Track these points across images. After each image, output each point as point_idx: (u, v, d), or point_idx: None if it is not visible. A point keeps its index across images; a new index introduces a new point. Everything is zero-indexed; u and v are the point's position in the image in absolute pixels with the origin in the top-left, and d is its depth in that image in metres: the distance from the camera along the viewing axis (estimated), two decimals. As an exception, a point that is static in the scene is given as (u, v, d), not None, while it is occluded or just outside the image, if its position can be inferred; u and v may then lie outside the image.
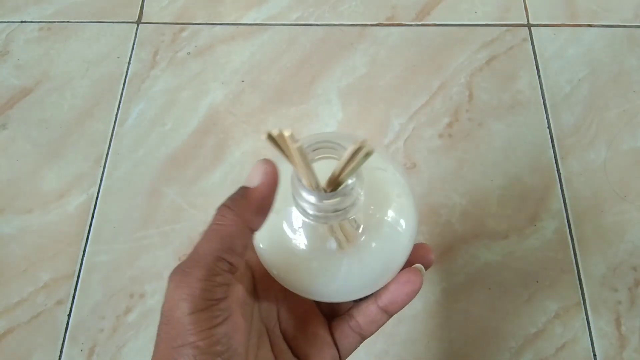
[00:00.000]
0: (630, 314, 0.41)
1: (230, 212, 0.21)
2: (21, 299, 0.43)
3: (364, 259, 0.23)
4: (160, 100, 0.51)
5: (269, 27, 0.55)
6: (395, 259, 0.24)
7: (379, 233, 0.23)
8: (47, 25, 0.56)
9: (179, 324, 0.19)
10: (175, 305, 0.19)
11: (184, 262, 0.20)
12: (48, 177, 0.48)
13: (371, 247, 0.23)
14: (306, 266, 0.23)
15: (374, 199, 0.23)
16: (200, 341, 0.19)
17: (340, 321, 0.26)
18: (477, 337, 0.40)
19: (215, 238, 0.20)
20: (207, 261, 0.20)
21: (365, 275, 0.23)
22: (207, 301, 0.19)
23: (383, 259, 0.23)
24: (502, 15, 0.54)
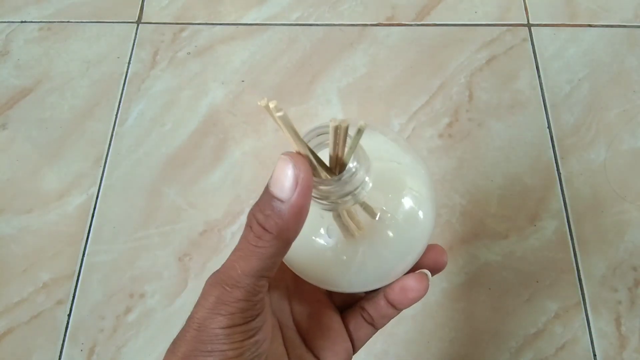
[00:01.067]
0: (630, 314, 0.41)
1: (268, 234, 0.19)
2: (21, 299, 0.43)
3: (380, 249, 0.22)
4: (160, 100, 0.51)
5: (269, 27, 0.55)
6: (412, 250, 0.23)
7: (395, 223, 0.22)
8: (47, 25, 0.56)
9: (212, 334, 0.19)
10: (211, 317, 0.19)
11: (223, 277, 0.20)
12: (48, 177, 0.48)
13: (388, 236, 0.22)
14: (321, 255, 0.22)
15: (391, 188, 0.22)
16: (230, 351, 0.19)
17: (353, 312, 0.26)
18: (477, 337, 0.40)
19: (255, 259, 0.19)
20: (247, 282, 0.19)
21: (382, 265, 0.23)
22: (245, 318, 0.19)
23: (400, 249, 0.23)
24: (502, 15, 0.54)
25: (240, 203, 0.45)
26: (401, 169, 0.23)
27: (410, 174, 0.23)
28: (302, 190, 0.18)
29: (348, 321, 0.26)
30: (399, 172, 0.23)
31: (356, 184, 0.20)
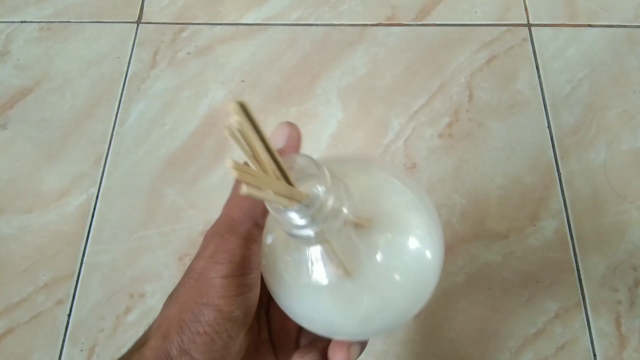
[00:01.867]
0: (630, 314, 0.41)
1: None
2: (21, 299, 0.43)
3: (386, 294, 0.20)
4: (160, 100, 0.51)
5: (269, 27, 0.55)
6: (421, 293, 0.21)
7: (401, 265, 0.20)
8: (47, 25, 0.56)
9: (210, 284, 0.19)
10: (211, 266, 0.20)
11: (220, 227, 0.20)
12: (48, 177, 0.48)
13: (394, 280, 0.20)
14: (321, 302, 0.21)
15: (394, 229, 0.20)
16: (224, 305, 0.19)
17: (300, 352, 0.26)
18: (477, 337, 0.40)
19: (246, 204, 0.21)
20: (244, 228, 0.20)
21: (387, 311, 0.21)
22: (242, 269, 0.20)
23: (408, 292, 0.21)
24: (502, 15, 0.54)
25: (240, 203, 0.45)
26: (403, 207, 0.21)
27: (413, 211, 0.22)
28: (291, 143, 0.21)
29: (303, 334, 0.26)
30: (401, 210, 0.21)
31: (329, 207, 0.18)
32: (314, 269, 0.20)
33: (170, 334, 0.20)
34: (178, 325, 0.20)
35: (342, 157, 0.24)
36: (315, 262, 0.20)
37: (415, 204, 0.22)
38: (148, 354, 0.20)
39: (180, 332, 0.19)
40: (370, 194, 0.21)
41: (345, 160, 0.23)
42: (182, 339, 0.19)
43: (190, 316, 0.19)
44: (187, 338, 0.19)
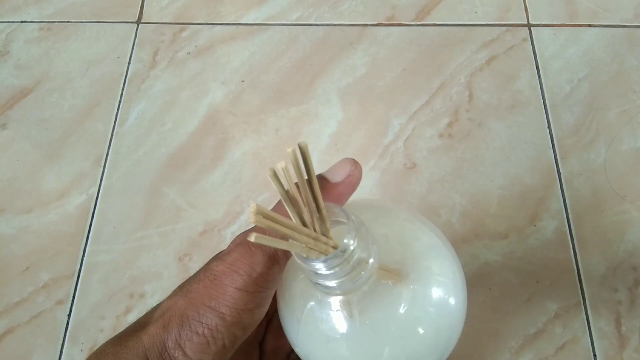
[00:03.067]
0: (630, 314, 0.41)
1: None
2: (21, 299, 0.43)
3: (411, 346, 0.19)
4: (160, 100, 0.51)
5: (269, 27, 0.55)
6: (447, 343, 0.21)
7: (425, 316, 0.19)
8: (47, 25, 0.56)
9: (223, 291, 0.20)
10: (229, 274, 0.20)
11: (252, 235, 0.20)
12: (48, 177, 0.48)
13: (419, 333, 0.19)
14: (335, 351, 0.20)
15: (415, 279, 0.19)
16: (229, 316, 0.20)
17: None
18: (477, 337, 0.40)
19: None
20: (271, 247, 0.20)
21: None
22: (257, 286, 0.20)
23: (433, 344, 0.20)
24: (502, 15, 0.54)
25: (240, 203, 0.45)
26: (425, 253, 0.21)
27: (435, 256, 0.21)
28: (350, 181, 0.21)
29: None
30: (423, 257, 0.21)
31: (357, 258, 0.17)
32: (334, 317, 0.19)
33: (170, 325, 0.20)
34: (180, 319, 0.20)
35: (358, 203, 0.23)
36: (336, 311, 0.19)
37: (437, 247, 0.21)
38: (146, 339, 0.20)
39: (181, 326, 0.20)
40: (391, 242, 0.20)
41: (362, 207, 0.23)
42: (181, 333, 0.19)
43: (194, 314, 0.20)
44: (185, 334, 0.19)
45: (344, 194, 0.21)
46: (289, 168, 0.16)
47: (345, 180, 0.21)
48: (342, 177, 0.21)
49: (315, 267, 0.17)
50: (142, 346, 0.20)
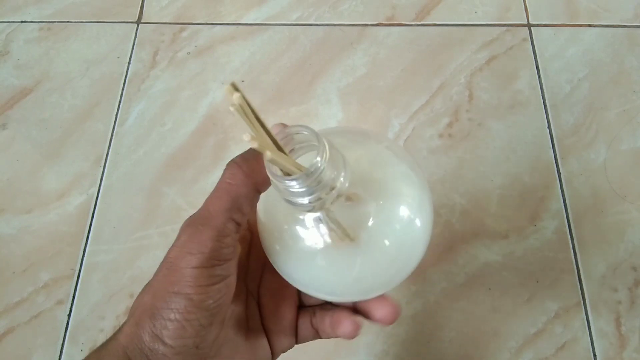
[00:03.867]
0: (630, 314, 0.41)
1: (241, 171, 0.21)
2: (21, 299, 0.43)
3: (376, 257, 0.22)
4: (160, 100, 0.51)
5: (269, 27, 0.55)
6: (410, 259, 0.23)
7: (391, 231, 0.22)
8: (47, 25, 0.56)
9: (181, 273, 0.20)
10: (182, 257, 0.20)
11: (196, 218, 0.21)
12: (48, 177, 0.48)
13: (384, 245, 0.22)
14: (315, 263, 0.22)
15: (386, 197, 0.22)
16: (195, 295, 0.20)
17: (306, 312, 0.27)
18: (477, 337, 0.40)
19: (226, 197, 0.21)
20: (218, 221, 0.21)
21: (378, 274, 0.22)
22: (213, 260, 0.20)
23: (396, 257, 0.22)
24: (502, 15, 0.54)
25: (240, 203, 0.45)
26: (396, 177, 0.23)
27: (405, 182, 0.23)
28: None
29: (300, 316, 0.27)
30: (393, 180, 0.23)
31: (327, 178, 0.19)
32: (310, 234, 0.21)
33: (142, 320, 0.20)
34: (150, 312, 0.20)
35: (341, 129, 0.25)
36: (311, 229, 0.21)
37: (408, 175, 0.23)
38: (122, 339, 0.20)
39: (153, 318, 0.20)
40: (365, 165, 0.22)
41: (343, 133, 0.24)
42: (154, 324, 0.20)
43: (162, 303, 0.20)
44: (159, 324, 0.20)
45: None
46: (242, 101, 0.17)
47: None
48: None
49: (289, 185, 0.18)
50: (120, 346, 0.20)
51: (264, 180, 0.21)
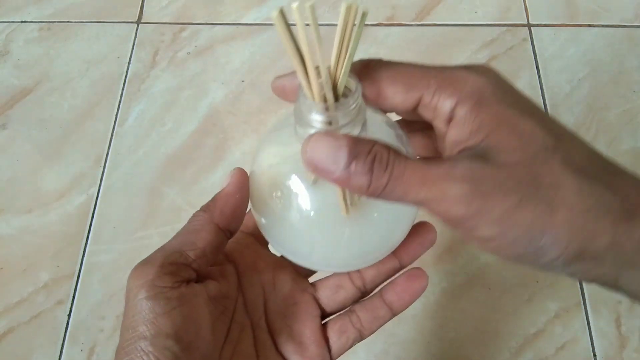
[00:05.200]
0: (630, 314, 0.41)
1: (201, 212, 0.23)
2: (21, 299, 0.43)
3: (366, 227, 0.22)
4: (160, 100, 0.51)
5: (269, 27, 0.55)
6: (398, 227, 0.23)
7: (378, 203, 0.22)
8: (47, 25, 0.56)
9: (132, 310, 0.20)
10: (130, 291, 0.20)
11: (149, 255, 0.22)
12: (48, 177, 0.48)
13: (372, 215, 0.22)
14: (308, 234, 0.22)
15: None
16: (147, 331, 0.19)
17: (341, 316, 0.26)
18: (477, 337, 0.40)
19: (181, 234, 0.22)
20: (165, 253, 0.21)
21: (367, 243, 0.23)
22: (155, 288, 0.20)
23: (385, 226, 0.23)
24: (502, 15, 0.54)
25: (240, 203, 0.45)
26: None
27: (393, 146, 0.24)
28: (234, 181, 0.23)
29: (332, 324, 0.26)
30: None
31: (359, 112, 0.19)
32: (301, 199, 0.22)
33: None
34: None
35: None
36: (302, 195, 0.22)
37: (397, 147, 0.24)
38: None
39: None
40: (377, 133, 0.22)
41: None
42: None
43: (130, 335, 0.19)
44: None
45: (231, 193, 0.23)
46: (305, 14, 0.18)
47: (230, 182, 0.23)
48: (227, 183, 0.23)
49: (319, 110, 0.19)
50: None
51: (225, 217, 0.23)
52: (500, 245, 0.18)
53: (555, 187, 0.17)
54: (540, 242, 0.17)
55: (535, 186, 0.17)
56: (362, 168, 0.17)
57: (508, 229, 0.17)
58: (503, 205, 0.17)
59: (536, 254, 0.17)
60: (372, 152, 0.18)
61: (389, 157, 0.18)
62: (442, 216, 0.18)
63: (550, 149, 0.18)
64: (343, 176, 0.18)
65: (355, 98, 0.19)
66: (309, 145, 0.18)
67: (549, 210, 0.17)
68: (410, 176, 0.17)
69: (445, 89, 0.19)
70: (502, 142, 0.18)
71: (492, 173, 0.17)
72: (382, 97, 0.20)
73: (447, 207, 0.17)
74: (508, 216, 0.17)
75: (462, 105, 0.19)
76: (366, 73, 0.20)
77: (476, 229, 0.18)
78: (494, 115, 0.18)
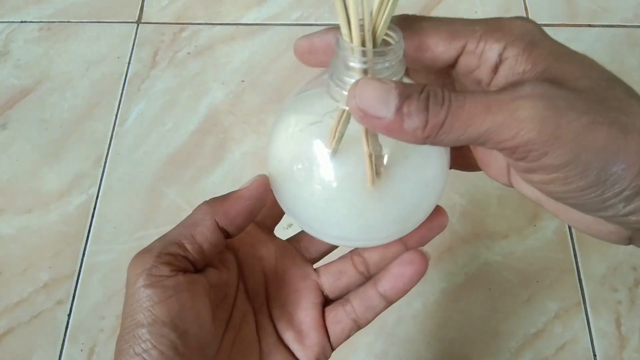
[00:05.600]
0: (630, 314, 0.41)
1: (205, 204, 0.22)
2: (21, 299, 0.43)
3: (391, 199, 0.21)
4: (160, 100, 0.51)
5: (269, 27, 0.55)
6: (427, 197, 0.23)
7: (409, 166, 0.21)
8: (47, 25, 0.56)
9: (130, 298, 0.20)
10: (129, 280, 0.20)
11: (148, 245, 0.22)
12: (48, 177, 0.48)
13: (398, 187, 0.21)
14: (331, 206, 0.21)
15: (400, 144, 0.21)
16: (144, 319, 0.19)
17: (336, 305, 0.25)
18: (477, 337, 0.40)
19: (180, 226, 0.22)
20: (163, 243, 0.21)
21: (393, 215, 0.22)
22: (152, 277, 0.20)
23: (411, 199, 0.22)
24: (502, 15, 0.54)
25: (240, 203, 0.45)
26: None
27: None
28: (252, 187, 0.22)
29: (328, 313, 0.25)
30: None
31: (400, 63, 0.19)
32: (327, 174, 0.21)
33: None
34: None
35: None
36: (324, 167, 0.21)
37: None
38: None
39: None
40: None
41: None
42: None
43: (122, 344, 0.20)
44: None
45: (245, 197, 0.22)
46: None
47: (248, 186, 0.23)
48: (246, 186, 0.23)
49: (356, 55, 0.18)
50: None
51: (229, 216, 0.22)
52: (571, 174, 0.16)
53: (625, 112, 0.17)
54: (613, 168, 0.16)
55: (606, 109, 0.16)
56: (417, 107, 0.16)
57: (582, 151, 0.16)
58: (578, 124, 0.16)
59: (606, 183, 0.16)
60: (424, 90, 0.16)
61: (443, 92, 0.16)
62: (511, 144, 0.16)
63: (612, 79, 0.18)
64: (396, 120, 0.16)
65: (397, 48, 0.18)
66: (357, 89, 0.17)
67: (622, 132, 0.16)
68: (472, 105, 0.16)
69: (491, 34, 0.18)
70: (564, 71, 0.17)
71: (563, 93, 0.16)
72: (424, 47, 0.19)
73: (517, 131, 0.16)
74: (583, 137, 0.16)
75: (513, 48, 0.18)
76: (407, 24, 0.19)
77: (548, 154, 0.16)
78: (549, 51, 0.18)
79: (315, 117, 0.21)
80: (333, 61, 0.20)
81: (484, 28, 0.19)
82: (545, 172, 0.17)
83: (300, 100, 0.23)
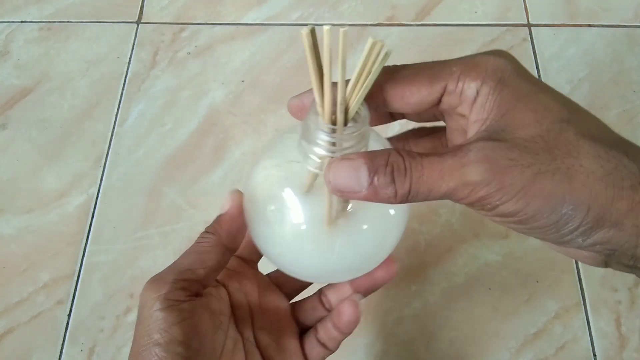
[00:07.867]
0: (630, 314, 0.41)
1: (209, 234, 0.25)
2: (21, 299, 0.43)
3: (355, 240, 0.23)
4: (160, 100, 0.51)
5: (269, 27, 0.55)
6: (385, 242, 0.24)
7: (369, 214, 0.23)
8: (47, 25, 0.56)
9: (147, 320, 0.22)
10: (145, 304, 0.23)
11: (161, 272, 0.24)
12: (48, 177, 0.48)
13: (361, 228, 0.23)
14: (298, 246, 0.24)
15: None
16: (161, 338, 0.22)
17: (309, 334, 0.28)
18: (477, 337, 0.40)
19: (191, 254, 0.25)
20: (178, 270, 0.24)
21: (356, 256, 0.24)
22: (169, 301, 0.22)
23: (373, 240, 0.24)
24: (502, 15, 0.54)
25: (240, 203, 0.45)
26: None
27: None
28: (234, 204, 0.25)
29: (305, 341, 0.28)
30: None
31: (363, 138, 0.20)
32: (295, 216, 0.23)
33: None
34: None
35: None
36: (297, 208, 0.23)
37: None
38: None
39: None
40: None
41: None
42: None
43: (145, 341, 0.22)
44: None
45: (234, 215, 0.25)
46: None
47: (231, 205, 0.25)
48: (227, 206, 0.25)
49: (324, 129, 0.20)
50: None
51: (231, 237, 0.25)
52: (524, 219, 0.18)
53: (572, 155, 0.18)
54: (562, 210, 0.18)
55: (552, 157, 0.18)
56: (384, 180, 0.19)
57: (530, 200, 0.18)
58: (521, 178, 0.18)
59: (559, 223, 0.18)
60: (389, 163, 0.19)
61: (404, 162, 0.19)
62: (468, 201, 0.19)
63: (565, 121, 0.19)
64: (370, 193, 0.19)
65: (363, 123, 0.20)
66: (330, 173, 0.19)
67: (567, 177, 0.18)
68: (429, 174, 0.18)
69: (469, 73, 0.20)
70: (517, 118, 0.19)
71: (507, 150, 0.18)
72: (407, 95, 0.21)
73: (468, 192, 0.18)
74: (528, 188, 0.18)
75: (486, 85, 0.20)
76: (389, 76, 0.21)
77: (499, 206, 0.18)
78: (514, 91, 0.19)
79: (283, 160, 0.23)
80: (304, 122, 0.21)
81: (460, 69, 0.20)
82: (503, 217, 0.19)
83: (273, 148, 0.25)
